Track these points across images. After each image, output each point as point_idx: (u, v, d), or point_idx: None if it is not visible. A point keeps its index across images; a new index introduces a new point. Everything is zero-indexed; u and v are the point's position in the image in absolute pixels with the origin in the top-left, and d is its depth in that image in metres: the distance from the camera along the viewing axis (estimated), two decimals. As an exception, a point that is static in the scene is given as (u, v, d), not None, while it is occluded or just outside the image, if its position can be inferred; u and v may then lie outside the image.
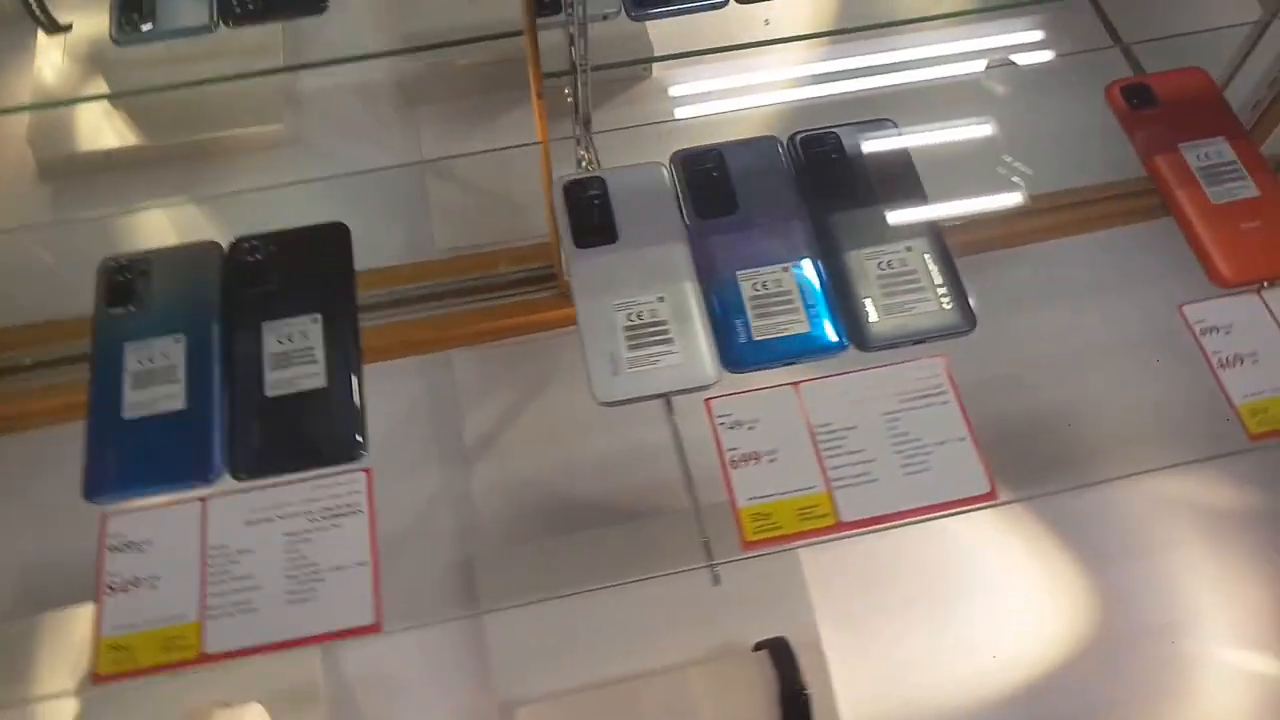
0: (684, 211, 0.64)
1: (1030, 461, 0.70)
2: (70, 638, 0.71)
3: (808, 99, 0.95)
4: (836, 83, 0.91)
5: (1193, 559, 0.80)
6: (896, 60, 0.91)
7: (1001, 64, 0.82)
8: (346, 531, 0.54)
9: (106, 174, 0.99)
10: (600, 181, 0.65)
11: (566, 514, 0.79)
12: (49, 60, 0.96)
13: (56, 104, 0.97)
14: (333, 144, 1.00)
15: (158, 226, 0.93)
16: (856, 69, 0.93)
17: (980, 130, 0.71)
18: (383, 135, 1.00)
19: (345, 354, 0.59)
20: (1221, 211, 0.63)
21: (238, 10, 0.70)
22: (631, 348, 0.59)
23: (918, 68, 0.87)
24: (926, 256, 0.61)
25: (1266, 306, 0.60)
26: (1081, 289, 0.71)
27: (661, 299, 0.60)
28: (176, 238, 0.91)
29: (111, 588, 0.53)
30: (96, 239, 0.85)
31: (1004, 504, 0.55)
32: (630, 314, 0.60)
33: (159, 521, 0.55)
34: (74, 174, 0.98)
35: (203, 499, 0.55)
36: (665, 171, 0.65)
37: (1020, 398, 0.72)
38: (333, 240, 0.63)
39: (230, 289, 0.61)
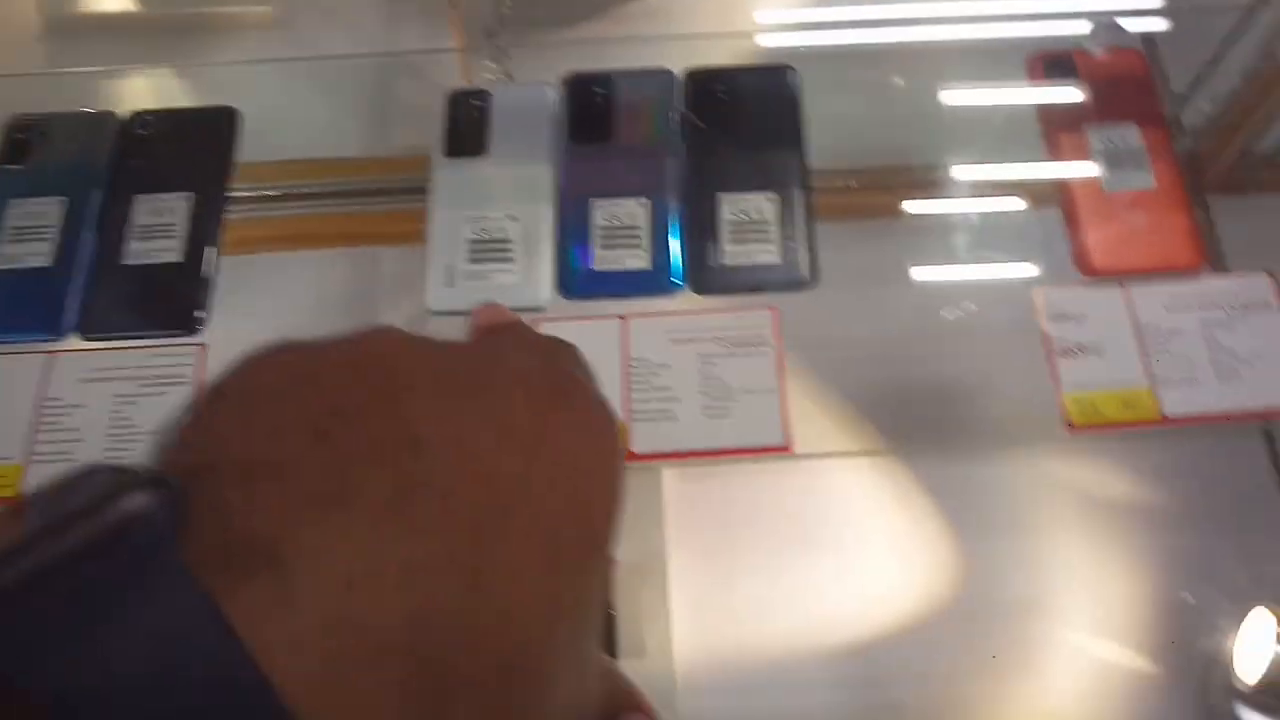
0: (561, 134, 0.64)
1: (905, 426, 0.69)
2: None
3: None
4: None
5: (1065, 543, 0.78)
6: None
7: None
8: (170, 400, 0.58)
9: (102, 33, 1.03)
10: (485, 95, 0.65)
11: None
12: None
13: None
14: (317, 32, 1.02)
15: (135, 90, 0.97)
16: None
17: (909, 94, 0.69)
18: (364, 28, 1.02)
19: (204, 233, 0.61)
20: (1109, 200, 0.60)
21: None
22: (472, 261, 0.60)
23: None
24: (785, 209, 0.60)
25: (1127, 301, 0.58)
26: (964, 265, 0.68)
27: (513, 218, 0.61)
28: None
29: (-45, 420, 0.58)
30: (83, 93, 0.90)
31: (802, 457, 0.55)
32: (478, 228, 0.61)
33: (5, 368, 0.59)
34: (73, 30, 1.03)
35: (50, 353, 0.59)
36: (553, 92, 0.65)
37: (897, 366, 0.70)
38: (223, 124, 0.66)
39: (118, 159, 0.64)
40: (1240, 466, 0.83)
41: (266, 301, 0.86)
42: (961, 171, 0.63)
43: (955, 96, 0.66)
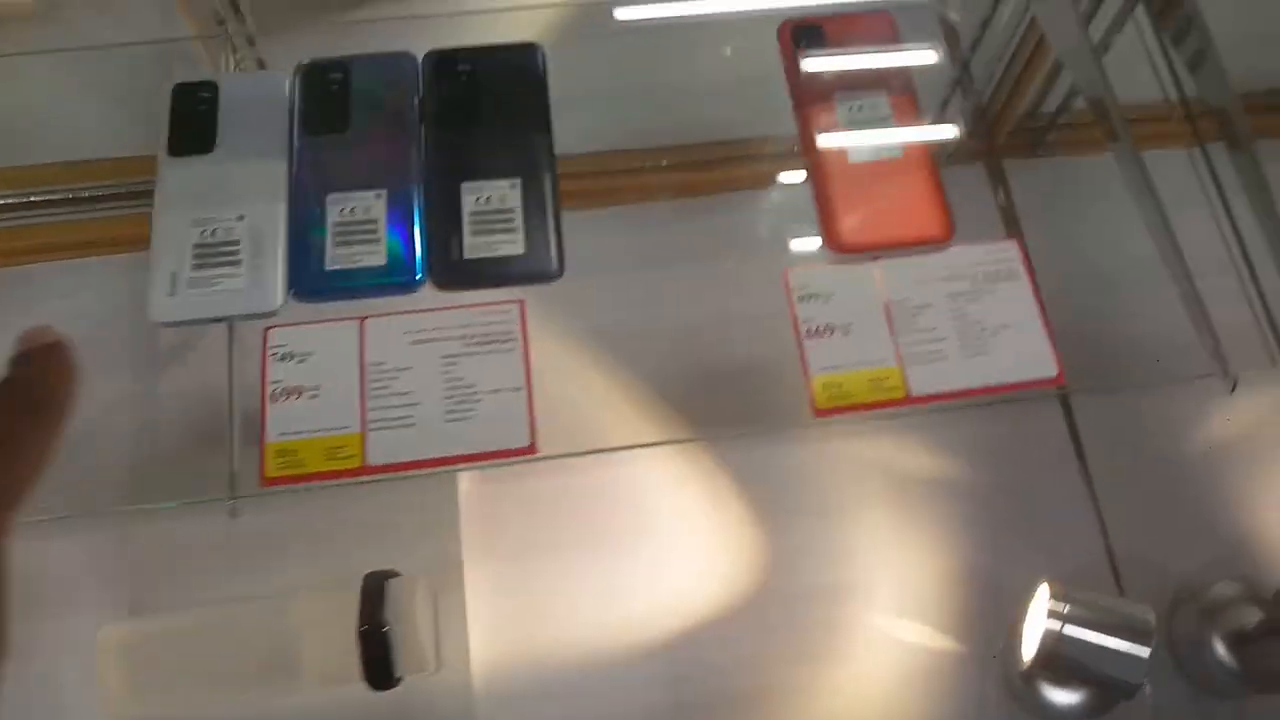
0: (296, 126, 0.60)
1: (702, 410, 0.68)
2: None
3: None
4: None
5: (870, 523, 0.79)
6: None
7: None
8: None
9: None
10: (213, 86, 0.61)
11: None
12: None
13: None
14: (88, 22, 0.95)
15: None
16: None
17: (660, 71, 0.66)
18: (137, 17, 0.95)
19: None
20: (857, 172, 0.59)
21: None
22: (196, 267, 0.56)
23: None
24: (530, 196, 0.58)
25: (876, 278, 0.57)
26: (719, 248, 0.67)
27: (241, 217, 0.57)
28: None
29: None
30: None
31: (544, 458, 0.53)
32: (205, 231, 0.57)
33: None
34: None
35: None
36: (287, 82, 0.61)
37: (660, 355, 0.69)
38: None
39: None
40: (1039, 436, 0.84)
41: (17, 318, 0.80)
42: (715, 150, 0.62)
43: (709, 70, 0.64)
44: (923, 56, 0.73)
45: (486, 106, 0.60)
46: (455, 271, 0.56)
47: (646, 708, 0.74)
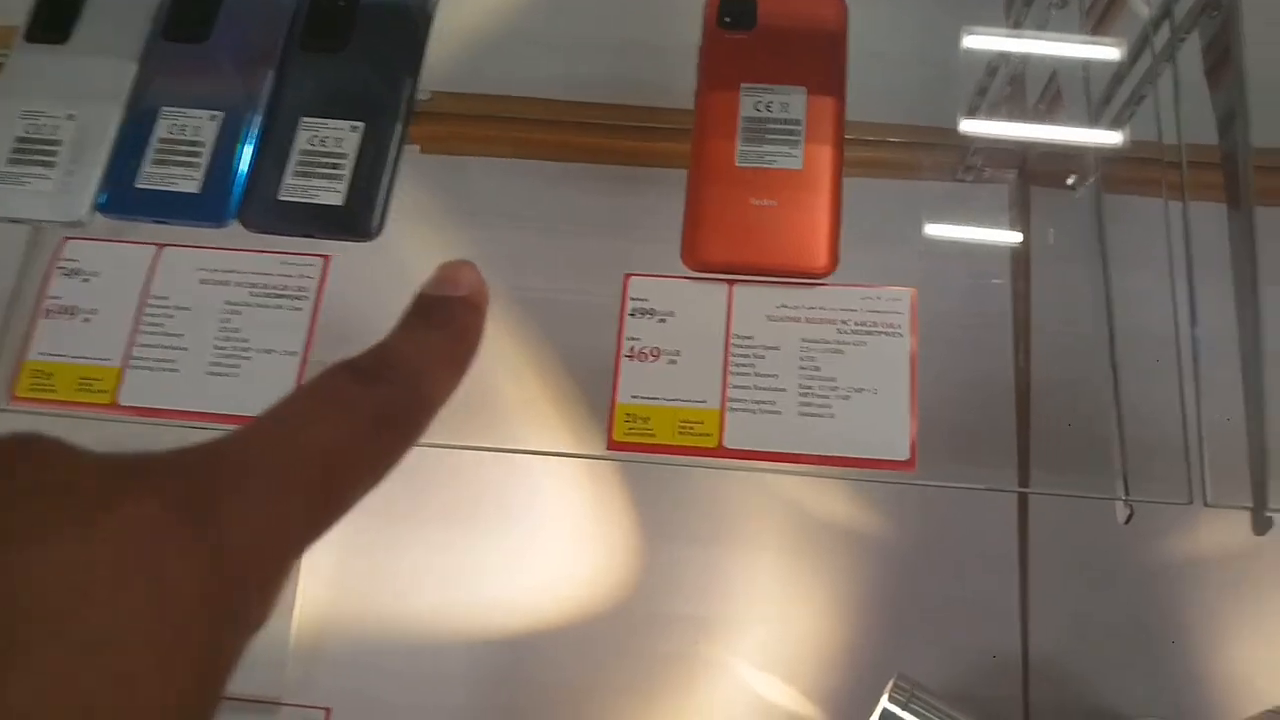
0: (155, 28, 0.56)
1: (507, 406, 0.62)
2: None
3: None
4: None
5: (762, 563, 0.71)
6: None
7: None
8: None
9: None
10: (86, -26, 0.57)
11: None
12: None
13: None
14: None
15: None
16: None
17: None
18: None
19: None
20: (739, 177, 0.50)
21: None
22: (11, 162, 0.53)
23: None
24: (370, 144, 0.52)
25: (726, 305, 0.49)
26: (572, 223, 0.59)
27: (71, 117, 0.53)
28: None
29: None
30: None
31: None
32: (31, 125, 0.53)
33: None
34: None
35: None
36: (164, -20, 0.57)
37: (508, 334, 0.62)
38: None
39: None
40: (983, 514, 0.74)
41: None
42: (595, 113, 0.54)
43: (621, 28, 0.56)
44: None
45: (357, 38, 0.54)
46: (265, 212, 0.51)
47: (466, 703, 0.69)
